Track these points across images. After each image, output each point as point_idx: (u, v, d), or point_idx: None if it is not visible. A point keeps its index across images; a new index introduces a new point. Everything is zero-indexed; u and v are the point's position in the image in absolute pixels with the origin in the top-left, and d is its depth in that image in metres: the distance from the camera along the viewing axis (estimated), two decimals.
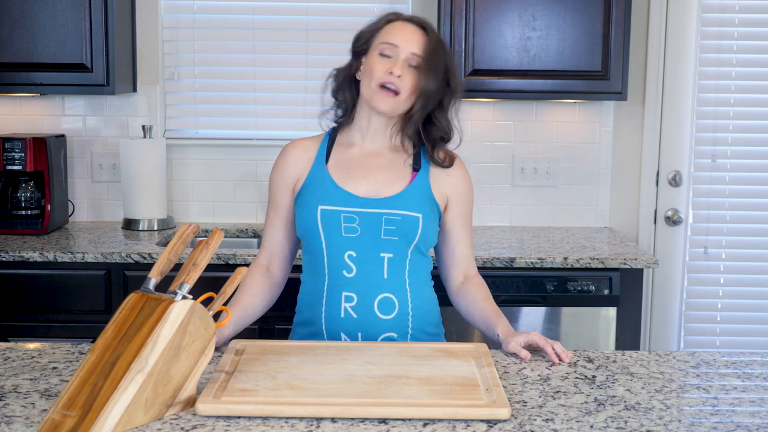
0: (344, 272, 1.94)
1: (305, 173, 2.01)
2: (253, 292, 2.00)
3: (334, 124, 2.07)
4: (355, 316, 1.93)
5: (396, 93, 1.93)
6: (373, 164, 2.00)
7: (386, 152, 2.02)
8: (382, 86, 1.93)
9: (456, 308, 2.08)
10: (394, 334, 1.94)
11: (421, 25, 1.99)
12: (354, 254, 1.94)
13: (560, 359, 1.78)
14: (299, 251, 2.10)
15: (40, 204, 3.21)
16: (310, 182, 2.00)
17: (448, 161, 2.03)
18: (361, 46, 2.02)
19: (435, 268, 2.09)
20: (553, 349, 1.79)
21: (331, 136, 2.06)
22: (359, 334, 1.93)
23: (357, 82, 2.02)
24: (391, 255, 1.94)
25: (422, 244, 1.98)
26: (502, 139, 3.43)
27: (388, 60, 1.94)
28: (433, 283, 2.07)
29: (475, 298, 2.02)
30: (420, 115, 1.97)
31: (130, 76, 3.32)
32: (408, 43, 1.95)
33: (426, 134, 2.01)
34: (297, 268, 2.11)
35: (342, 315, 1.94)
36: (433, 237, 2.01)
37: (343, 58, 2.08)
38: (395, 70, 1.92)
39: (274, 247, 2.07)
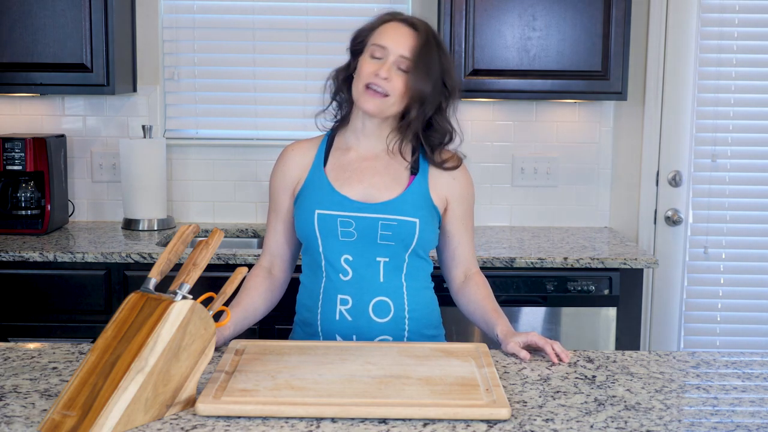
0: (340, 275, 1.94)
1: (304, 176, 2.00)
2: (254, 294, 2.00)
3: (330, 125, 2.05)
4: (349, 318, 1.93)
5: (384, 95, 1.90)
6: (370, 168, 1.98)
7: (383, 156, 1.99)
8: (369, 87, 1.90)
9: (458, 307, 2.08)
10: (389, 338, 1.94)
11: (415, 26, 1.93)
12: (350, 258, 1.93)
13: (560, 359, 1.78)
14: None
15: (40, 204, 3.21)
16: (308, 185, 1.99)
17: (453, 163, 2.00)
18: (357, 45, 1.99)
19: (436, 269, 2.08)
20: (553, 349, 1.79)
21: (329, 139, 2.05)
22: (354, 337, 1.93)
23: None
24: (386, 259, 1.94)
25: (420, 249, 1.96)
26: (502, 139, 3.43)
27: (377, 62, 1.91)
28: (433, 285, 2.06)
29: (475, 298, 2.01)
30: (418, 122, 1.93)
31: (130, 76, 3.31)
32: (397, 45, 1.90)
33: (425, 138, 1.96)
34: (298, 269, 2.11)
35: (337, 318, 1.94)
36: (432, 240, 1.99)
37: (343, 58, 2.06)
38: (381, 72, 1.88)
39: (275, 249, 2.06)
